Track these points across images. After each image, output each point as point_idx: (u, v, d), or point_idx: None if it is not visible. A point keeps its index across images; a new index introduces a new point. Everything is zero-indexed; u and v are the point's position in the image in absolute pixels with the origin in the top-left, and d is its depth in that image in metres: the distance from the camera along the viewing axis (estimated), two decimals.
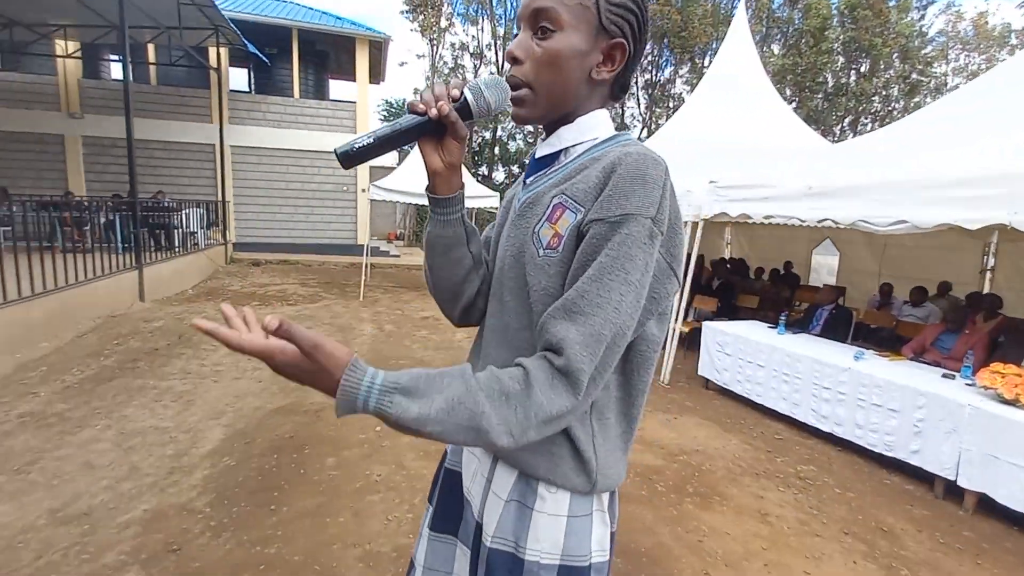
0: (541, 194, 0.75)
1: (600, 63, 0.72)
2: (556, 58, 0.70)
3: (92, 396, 3.73)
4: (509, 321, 0.76)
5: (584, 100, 0.75)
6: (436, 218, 0.81)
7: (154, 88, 11.53)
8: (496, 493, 0.77)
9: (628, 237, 0.63)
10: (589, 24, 0.70)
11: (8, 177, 10.71)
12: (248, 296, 7.96)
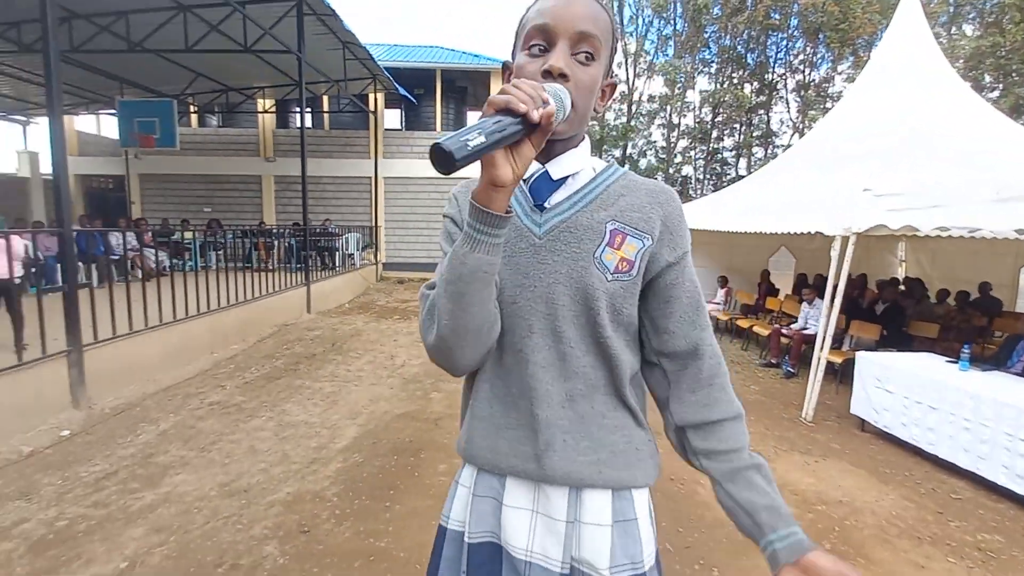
0: (579, 218, 0.75)
1: (600, 98, 0.77)
2: (593, 86, 0.73)
3: (262, 392, 4.44)
4: (568, 351, 0.74)
5: (584, 128, 0.80)
6: (486, 241, 0.65)
7: (326, 132, 13.56)
8: (593, 523, 0.75)
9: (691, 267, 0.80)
10: (607, 60, 0.75)
11: (220, 211, 13.39)
12: (391, 310, 8.84)
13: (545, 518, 0.76)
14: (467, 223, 0.64)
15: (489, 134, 0.55)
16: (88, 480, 2.87)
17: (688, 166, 23.35)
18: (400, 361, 5.55)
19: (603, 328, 0.73)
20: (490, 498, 0.79)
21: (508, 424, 0.77)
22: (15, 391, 3.35)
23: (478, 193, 0.62)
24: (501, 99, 0.57)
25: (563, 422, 0.75)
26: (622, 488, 0.76)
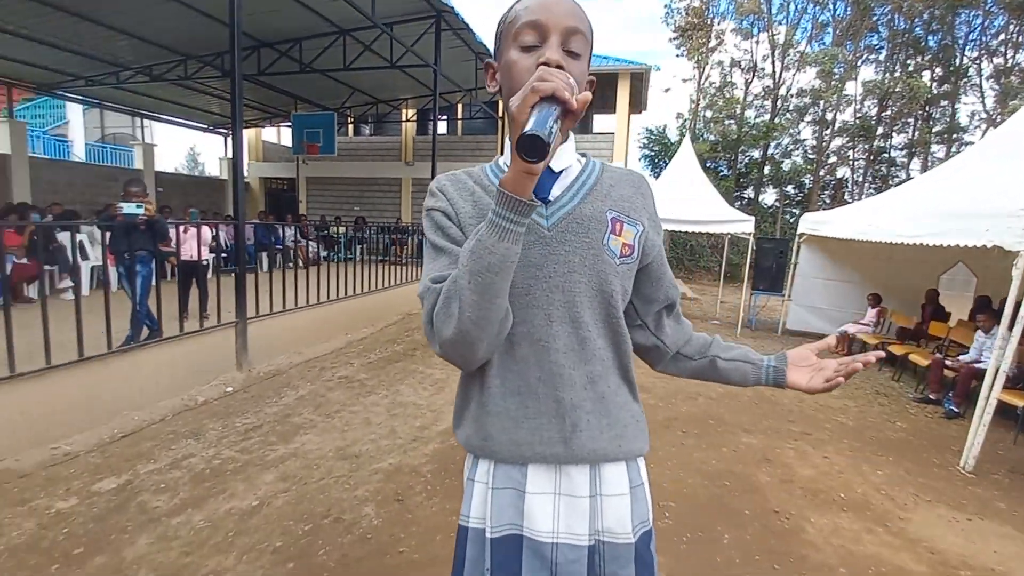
0: (583, 209, 0.80)
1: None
2: (582, 80, 0.76)
3: (382, 372, 4.93)
4: (587, 335, 0.79)
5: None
6: (513, 230, 0.64)
7: (459, 138, 14.47)
8: (615, 494, 0.81)
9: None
10: (588, 57, 0.79)
11: (367, 209, 14.97)
12: None
13: (568, 498, 0.80)
14: (494, 212, 0.63)
15: (554, 120, 0.58)
16: (240, 429, 3.46)
17: (844, 167, 20.58)
18: None
19: (615, 309, 0.80)
20: (510, 489, 0.80)
21: (527, 415, 0.78)
22: (198, 351, 4.15)
23: (509, 181, 0.61)
24: (547, 87, 0.58)
25: (586, 403, 0.80)
26: (633, 458, 0.85)
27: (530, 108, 0.59)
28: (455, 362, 0.76)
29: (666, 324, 0.93)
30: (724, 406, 4.41)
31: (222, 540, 2.30)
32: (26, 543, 2.21)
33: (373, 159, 15.13)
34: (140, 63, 9.71)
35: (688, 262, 17.66)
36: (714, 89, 20.34)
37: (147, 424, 3.48)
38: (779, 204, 19.83)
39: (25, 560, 2.10)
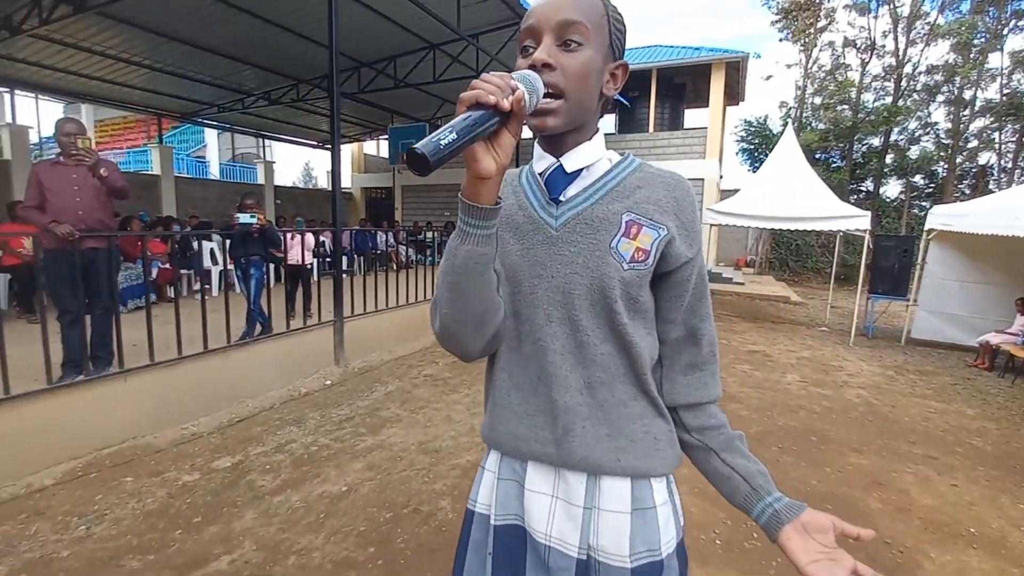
0: (595, 210, 0.76)
1: (607, 81, 0.77)
2: (587, 72, 0.72)
3: (465, 371, 5.07)
4: (585, 339, 0.76)
5: (594, 115, 0.78)
6: (475, 233, 0.67)
7: None
8: (612, 511, 0.76)
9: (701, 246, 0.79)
10: (603, 43, 0.74)
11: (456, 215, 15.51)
12: None
13: (564, 503, 0.78)
14: (459, 217, 0.67)
15: (460, 131, 0.57)
16: (335, 419, 3.74)
17: (988, 152, 17.74)
18: None
19: (619, 315, 0.74)
20: (513, 481, 0.82)
21: (527, 411, 0.79)
22: (301, 347, 4.56)
23: (465, 188, 0.64)
24: (469, 95, 0.58)
25: (582, 408, 0.77)
26: (640, 477, 0.77)
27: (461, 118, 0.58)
28: (452, 353, 0.80)
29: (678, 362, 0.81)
30: (829, 422, 3.99)
31: (314, 520, 2.50)
32: (157, 509, 2.56)
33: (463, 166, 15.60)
34: (261, 89, 10.92)
35: (793, 263, 16.23)
36: (824, 73, 18.55)
37: (258, 411, 3.88)
38: (905, 197, 17.56)
39: (156, 524, 2.44)
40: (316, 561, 2.21)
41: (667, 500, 0.79)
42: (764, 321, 8.40)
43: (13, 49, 8.01)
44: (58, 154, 3.21)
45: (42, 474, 2.77)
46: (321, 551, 2.27)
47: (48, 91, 10.46)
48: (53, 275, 3.13)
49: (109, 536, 2.34)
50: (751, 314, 9.04)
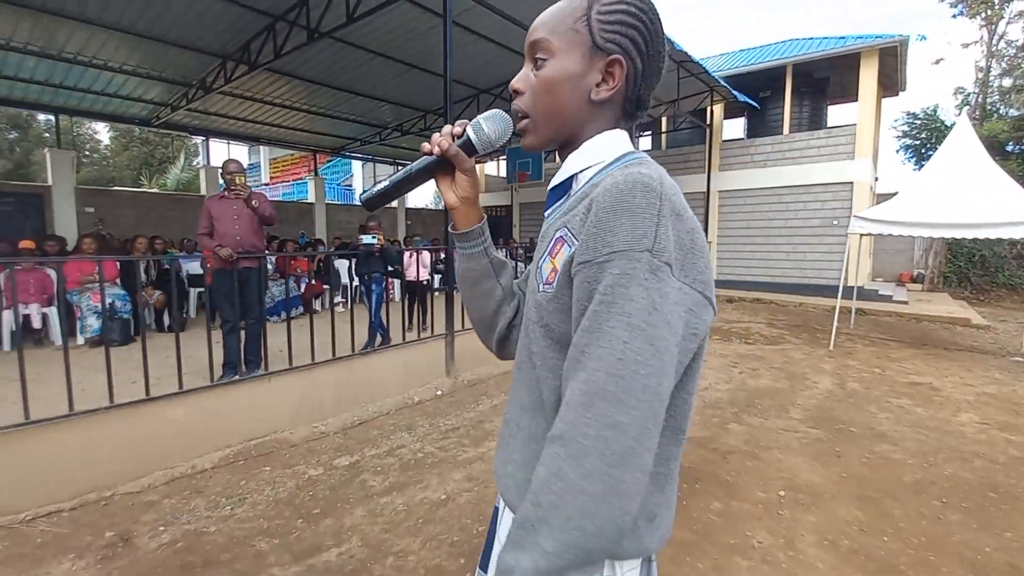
0: (551, 226, 0.74)
1: (599, 83, 0.71)
2: (550, 84, 0.71)
3: None
4: (528, 361, 0.73)
5: (589, 123, 0.73)
6: (460, 252, 0.87)
7: (663, 152, 13.99)
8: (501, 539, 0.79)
9: (622, 277, 0.57)
10: (583, 46, 0.70)
11: None
12: (713, 330, 8.40)
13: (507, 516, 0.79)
14: None
15: (394, 179, 0.76)
16: (442, 429, 3.92)
17: None
18: (704, 383, 5.25)
19: (534, 342, 0.71)
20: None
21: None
22: (417, 358, 4.87)
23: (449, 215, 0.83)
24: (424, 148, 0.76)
25: (511, 426, 0.78)
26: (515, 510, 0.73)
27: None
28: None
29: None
30: (1017, 475, 3.20)
31: (413, 524, 2.62)
32: (286, 498, 2.89)
33: None
34: (395, 122, 12.10)
35: (977, 278, 13.49)
36: (1014, 49, 15.35)
37: (376, 415, 4.22)
38: None
39: (282, 511, 2.75)
40: (411, 564, 2.31)
41: None
42: (933, 347, 7.07)
43: (207, 104, 9.87)
44: (223, 189, 3.87)
45: (204, 458, 3.29)
46: (416, 556, 2.37)
47: (235, 137, 12.72)
48: (217, 290, 3.76)
49: (247, 518, 2.69)
50: (916, 338, 7.67)
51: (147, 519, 2.67)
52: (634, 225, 0.58)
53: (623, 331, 0.56)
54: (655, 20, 0.71)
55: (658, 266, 0.57)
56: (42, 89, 8.90)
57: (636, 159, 0.70)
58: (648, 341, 0.56)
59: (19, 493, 2.65)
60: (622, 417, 0.55)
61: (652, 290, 0.57)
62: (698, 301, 0.61)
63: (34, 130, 20.66)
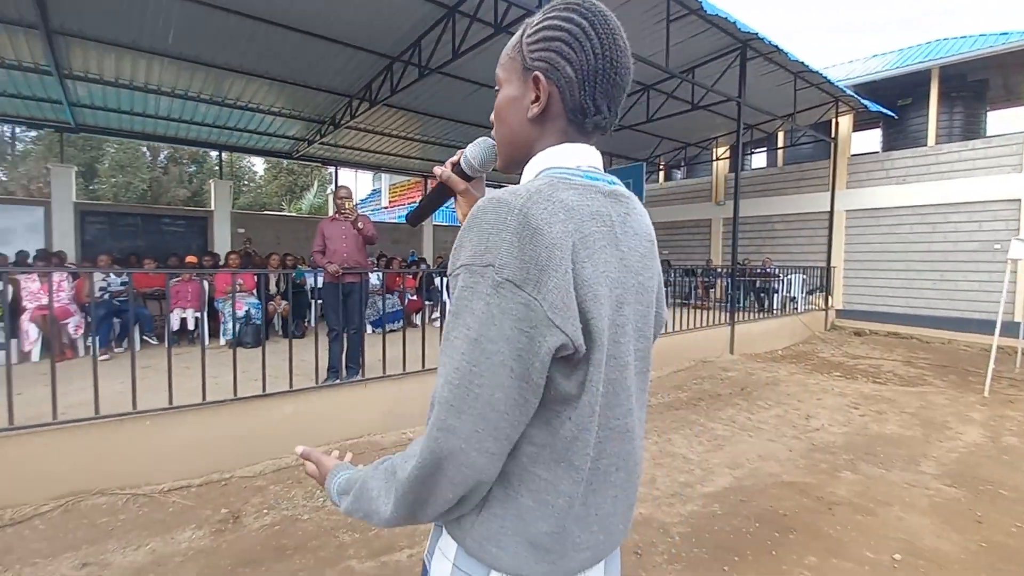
0: None
1: (532, 100, 0.73)
2: (498, 111, 0.78)
3: (658, 417, 4.78)
4: None
5: (537, 141, 0.75)
6: None
7: (779, 169, 12.97)
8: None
9: (464, 289, 0.62)
10: (518, 71, 0.74)
11: (675, 253, 14.94)
12: (834, 365, 7.52)
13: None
14: None
15: (421, 201, 0.97)
16: None
17: None
18: (816, 424, 4.72)
19: None
20: None
21: None
22: None
23: None
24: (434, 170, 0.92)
25: None
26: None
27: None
28: None
29: None
30: None
31: None
32: None
33: (682, 202, 15.10)
34: None
35: None
36: None
37: None
38: None
39: None
40: None
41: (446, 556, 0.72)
42: None
43: (337, 138, 11.13)
44: (335, 211, 4.36)
45: None
46: None
47: (359, 166, 14.16)
48: (326, 302, 4.20)
49: (335, 511, 2.93)
50: None
51: (255, 501, 3.03)
52: (478, 240, 0.62)
53: (462, 343, 0.61)
54: (584, 24, 0.70)
55: (499, 282, 0.59)
56: (211, 130, 10.69)
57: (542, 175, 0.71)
58: (484, 354, 0.59)
59: (160, 468, 3.16)
60: (454, 421, 0.61)
61: (492, 304, 0.59)
62: (542, 319, 0.59)
63: (208, 164, 24.74)
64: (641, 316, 0.74)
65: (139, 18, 6.30)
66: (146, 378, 3.54)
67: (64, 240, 9.90)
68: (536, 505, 0.67)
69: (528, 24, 0.75)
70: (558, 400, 0.65)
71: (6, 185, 20.78)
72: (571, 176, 0.69)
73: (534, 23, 0.74)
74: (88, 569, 2.38)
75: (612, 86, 0.72)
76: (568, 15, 0.70)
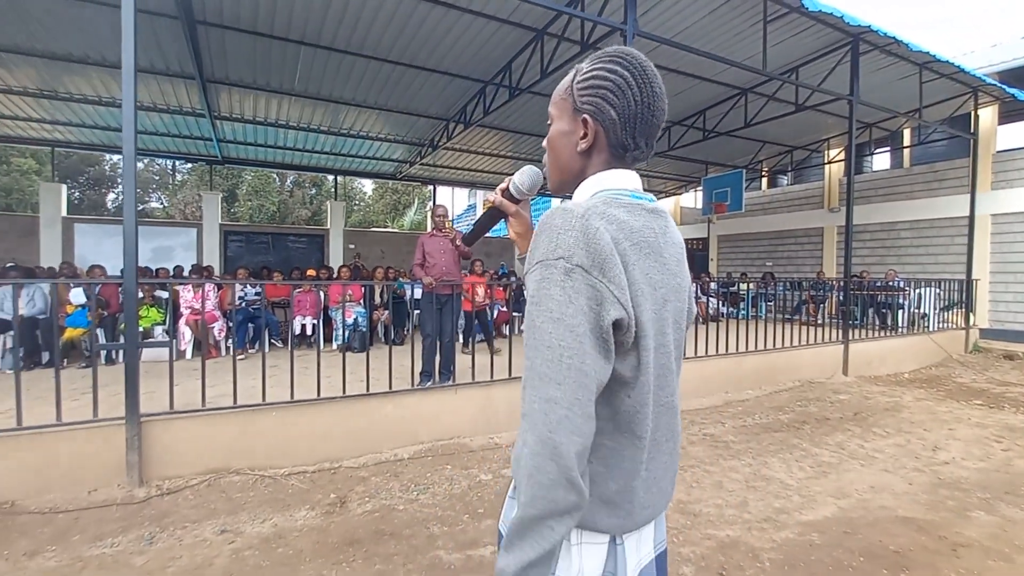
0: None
1: (582, 137, 0.86)
2: (551, 142, 0.92)
3: (754, 439, 4.52)
4: None
5: (584, 168, 0.89)
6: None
7: (906, 170, 11.61)
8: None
9: (542, 281, 0.72)
10: (568, 110, 0.88)
11: (780, 264, 13.89)
12: (974, 392, 6.56)
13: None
14: None
15: (474, 224, 1.11)
16: None
17: None
18: (945, 456, 4.18)
19: None
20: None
21: None
22: None
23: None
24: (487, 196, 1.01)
25: None
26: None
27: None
28: None
29: None
30: None
31: None
32: (459, 494, 3.31)
33: (788, 210, 14.03)
34: None
35: None
36: None
37: None
38: None
39: (454, 505, 3.16)
40: None
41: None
42: None
43: (435, 159, 11.91)
44: (434, 228, 4.72)
45: (403, 449, 3.97)
46: None
47: (456, 184, 14.98)
48: (422, 311, 4.55)
49: (427, 504, 3.17)
50: None
51: (358, 490, 3.36)
52: (550, 240, 0.74)
53: (548, 324, 0.71)
54: (627, 76, 0.83)
55: (571, 268, 0.71)
56: (328, 157, 11.94)
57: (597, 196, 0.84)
58: (568, 329, 0.70)
59: (282, 454, 3.62)
60: (554, 392, 0.69)
61: (567, 288, 0.71)
62: (608, 298, 0.72)
63: (325, 186, 27.47)
64: (679, 311, 0.87)
65: (272, 64, 7.31)
66: (273, 376, 4.09)
67: (211, 256, 11.57)
68: (605, 469, 0.80)
69: (578, 71, 0.88)
70: (617, 381, 0.78)
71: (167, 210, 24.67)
72: (620, 196, 0.84)
73: (583, 71, 0.87)
74: (225, 535, 2.80)
75: (649, 126, 0.85)
76: (613, 67, 0.84)
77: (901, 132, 11.52)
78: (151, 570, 2.47)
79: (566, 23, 6.17)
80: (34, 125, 9.57)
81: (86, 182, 24.38)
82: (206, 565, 2.51)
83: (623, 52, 0.85)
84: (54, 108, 8.70)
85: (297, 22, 6.31)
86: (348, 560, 2.57)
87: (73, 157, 21.59)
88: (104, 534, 2.78)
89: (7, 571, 2.43)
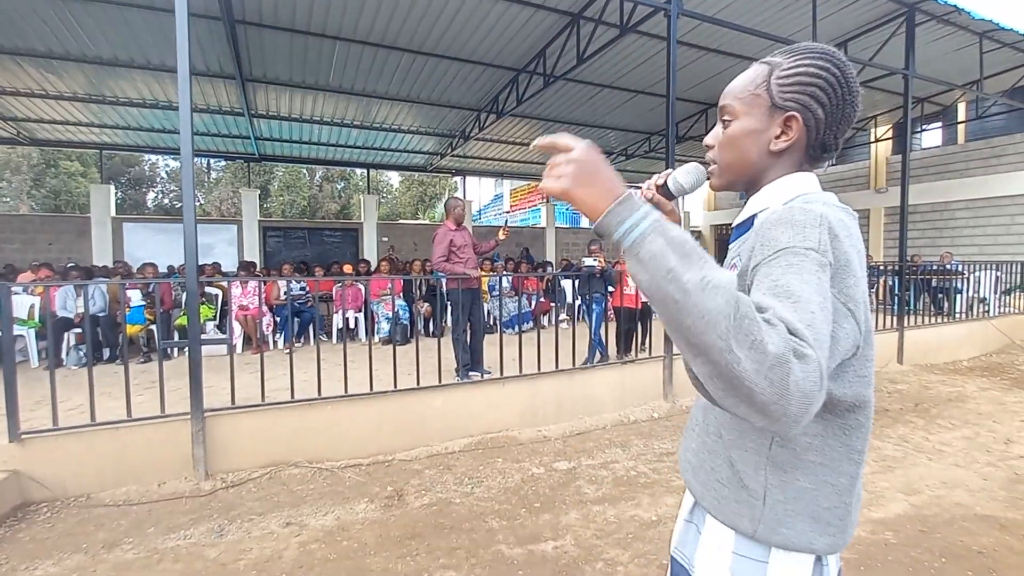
0: (729, 258, 0.87)
1: (778, 136, 0.82)
2: (732, 140, 0.86)
3: None
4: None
5: (768, 169, 0.85)
6: None
7: (960, 146, 11.00)
8: (684, 517, 0.96)
9: (790, 265, 0.64)
10: (762, 107, 0.82)
11: None
12: None
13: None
14: None
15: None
16: (656, 451, 3.90)
17: None
18: (1019, 450, 3.96)
19: None
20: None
21: None
22: (634, 378, 4.94)
23: None
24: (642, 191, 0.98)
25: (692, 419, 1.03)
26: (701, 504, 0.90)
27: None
28: None
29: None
30: None
31: (623, 537, 2.71)
32: (513, 488, 3.30)
33: (832, 191, 13.47)
34: (620, 147, 12.47)
35: None
36: None
37: (593, 428, 4.43)
38: None
39: (510, 499, 3.15)
40: (620, 574, 2.41)
41: (721, 546, 0.82)
42: None
43: (465, 150, 11.87)
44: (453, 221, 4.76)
45: (453, 442, 3.99)
46: (625, 568, 2.46)
47: (484, 174, 14.94)
48: (454, 305, 4.56)
49: (482, 498, 3.18)
50: None
51: (414, 483, 3.39)
52: (796, 231, 0.68)
53: (814, 279, 0.63)
54: (837, 74, 0.79)
55: (824, 263, 0.66)
56: (359, 151, 12.04)
57: (806, 199, 0.78)
58: (827, 299, 0.63)
59: (338, 447, 3.68)
60: (823, 328, 0.59)
61: (822, 280, 0.64)
62: (840, 311, 0.68)
63: (352, 180, 27.81)
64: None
65: (308, 60, 7.37)
66: (323, 370, 4.15)
67: (251, 252, 11.86)
68: (814, 486, 0.77)
69: (776, 65, 0.82)
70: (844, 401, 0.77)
71: (204, 207, 25.42)
72: (828, 198, 0.80)
73: (785, 66, 0.82)
74: (291, 528, 2.87)
75: (848, 125, 0.83)
76: (825, 64, 0.80)
77: (955, 106, 10.89)
78: (224, 562, 2.54)
79: (604, 5, 6.00)
80: (83, 129, 9.93)
81: (127, 182, 25.32)
82: (276, 558, 2.57)
83: (828, 49, 0.81)
84: (102, 112, 9.00)
85: (334, 18, 6.32)
86: (411, 554, 2.60)
87: (115, 159, 22.43)
88: (176, 526, 2.88)
89: (87, 564, 2.54)
